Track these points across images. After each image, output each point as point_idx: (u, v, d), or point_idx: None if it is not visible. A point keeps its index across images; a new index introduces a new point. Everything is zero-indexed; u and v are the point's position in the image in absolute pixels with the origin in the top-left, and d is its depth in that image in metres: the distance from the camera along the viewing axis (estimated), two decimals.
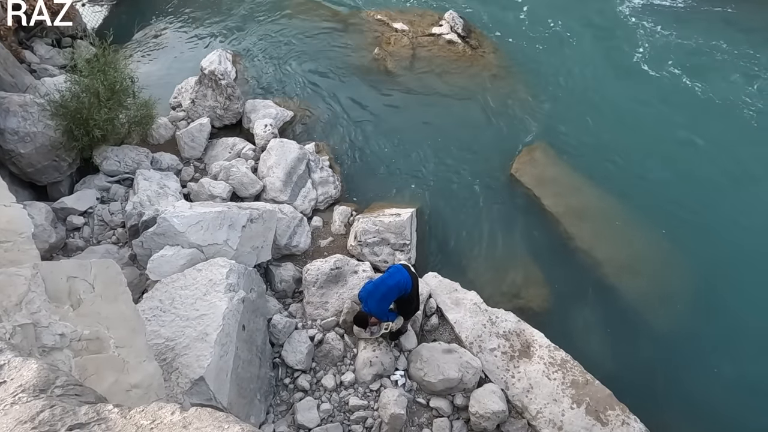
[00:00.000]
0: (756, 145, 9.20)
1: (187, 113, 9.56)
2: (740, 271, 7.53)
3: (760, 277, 7.46)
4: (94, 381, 3.34)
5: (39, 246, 4.77)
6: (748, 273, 7.52)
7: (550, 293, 7.35)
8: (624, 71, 10.86)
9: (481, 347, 6.36)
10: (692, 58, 11.02)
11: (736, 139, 9.32)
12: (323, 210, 8.34)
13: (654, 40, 11.51)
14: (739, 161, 8.96)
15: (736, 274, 7.50)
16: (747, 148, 9.17)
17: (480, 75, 10.81)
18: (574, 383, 6.00)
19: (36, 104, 7.50)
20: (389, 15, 12.41)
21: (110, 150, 7.96)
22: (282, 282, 6.99)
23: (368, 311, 5.83)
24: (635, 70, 10.88)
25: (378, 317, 5.89)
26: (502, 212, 8.33)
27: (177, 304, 5.31)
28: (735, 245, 7.81)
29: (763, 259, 7.62)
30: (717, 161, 8.96)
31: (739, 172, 8.81)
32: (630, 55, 11.21)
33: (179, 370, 4.73)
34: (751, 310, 7.14)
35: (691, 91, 10.29)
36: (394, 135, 9.58)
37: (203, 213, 6.40)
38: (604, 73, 10.86)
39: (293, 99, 10.32)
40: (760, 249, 7.74)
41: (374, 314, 5.84)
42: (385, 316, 5.90)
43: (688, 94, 10.22)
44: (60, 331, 3.38)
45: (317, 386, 6.08)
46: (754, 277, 7.47)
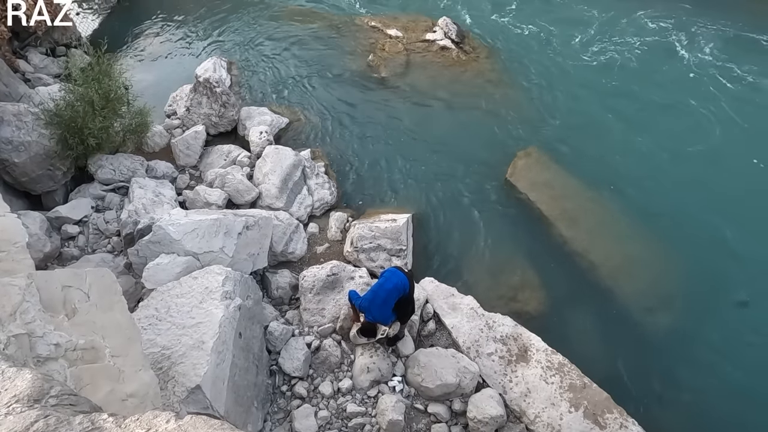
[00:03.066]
0: (752, 146, 9.26)
1: (182, 121, 9.56)
2: (737, 273, 7.55)
3: (757, 278, 7.49)
4: (89, 391, 3.32)
5: (33, 255, 4.75)
6: (744, 274, 7.53)
7: (546, 297, 7.36)
8: (617, 75, 10.93)
9: (479, 352, 6.35)
10: (690, 56, 11.12)
11: (732, 141, 9.38)
12: (319, 216, 8.34)
13: (644, 41, 11.61)
14: (735, 162, 9.01)
15: (732, 276, 7.52)
16: (743, 148, 9.22)
17: (474, 80, 10.87)
18: (572, 387, 6.00)
19: (30, 113, 7.50)
20: (383, 21, 12.49)
21: (105, 158, 7.95)
22: (278, 289, 6.97)
23: (373, 320, 5.81)
24: (628, 73, 10.96)
25: (383, 323, 5.88)
26: (497, 217, 8.36)
27: (173, 313, 5.29)
28: (731, 246, 7.84)
29: (760, 260, 7.66)
30: (712, 162, 9.00)
31: (734, 171, 8.85)
32: (624, 58, 11.30)
33: (175, 379, 4.71)
34: (749, 312, 7.16)
35: (686, 94, 10.36)
36: (389, 141, 9.62)
37: (199, 221, 6.39)
38: (597, 77, 10.93)
39: (288, 106, 10.35)
40: (757, 250, 7.77)
41: (379, 321, 5.82)
42: (390, 319, 5.89)
43: (687, 94, 10.30)
44: (55, 341, 3.36)
45: (315, 393, 6.05)
46: (750, 278, 7.49)
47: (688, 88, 10.47)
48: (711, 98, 10.20)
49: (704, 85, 10.48)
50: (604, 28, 12.15)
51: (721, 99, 10.15)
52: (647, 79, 10.74)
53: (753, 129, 9.54)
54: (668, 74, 10.86)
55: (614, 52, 11.48)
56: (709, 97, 10.22)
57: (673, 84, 10.60)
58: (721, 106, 10.03)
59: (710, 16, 12.10)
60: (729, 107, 9.97)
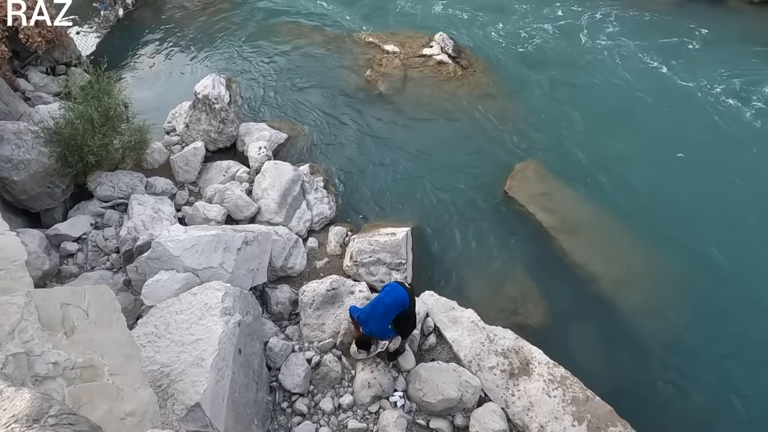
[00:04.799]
0: (751, 154, 9.31)
1: (181, 137, 9.61)
2: (738, 283, 7.54)
3: (759, 287, 7.48)
4: (87, 410, 3.28)
5: (32, 273, 4.73)
6: (746, 284, 7.53)
7: (547, 309, 7.33)
8: (613, 86, 11.03)
9: (480, 365, 6.31)
10: (678, 64, 11.24)
11: (730, 150, 9.44)
12: (318, 231, 8.34)
13: (651, 62, 11.73)
14: (733, 170, 9.05)
15: (734, 286, 7.51)
16: (741, 157, 9.28)
17: (471, 94, 10.96)
18: (575, 400, 5.95)
19: (30, 131, 7.53)
20: (380, 37, 12.63)
21: (104, 175, 7.97)
22: (278, 304, 6.94)
23: (369, 333, 5.77)
24: (624, 84, 11.06)
25: (380, 337, 5.84)
26: (497, 229, 8.36)
27: (172, 329, 5.26)
28: (732, 256, 7.84)
29: (760, 269, 7.65)
30: (711, 170, 9.06)
31: (733, 179, 8.89)
32: (619, 71, 11.41)
33: (175, 397, 4.66)
34: (751, 321, 7.14)
35: (684, 102, 10.44)
36: (388, 155, 9.66)
37: (198, 236, 6.38)
38: (594, 89, 11.03)
39: (287, 121, 10.42)
40: (758, 259, 7.77)
41: (375, 335, 5.78)
42: (387, 334, 5.84)
43: (681, 105, 10.38)
44: (53, 360, 3.33)
45: (315, 410, 5.99)
46: (752, 288, 7.48)
47: (692, 94, 10.56)
48: (714, 104, 10.29)
49: (705, 93, 10.57)
50: (600, 44, 12.28)
51: (723, 105, 10.24)
52: (643, 91, 10.84)
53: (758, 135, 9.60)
54: (674, 91, 10.94)
55: (618, 65, 11.58)
56: (713, 103, 10.31)
57: (668, 95, 10.70)
58: (728, 111, 10.09)
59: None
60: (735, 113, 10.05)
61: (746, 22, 12.60)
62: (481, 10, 13.69)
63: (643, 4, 13.35)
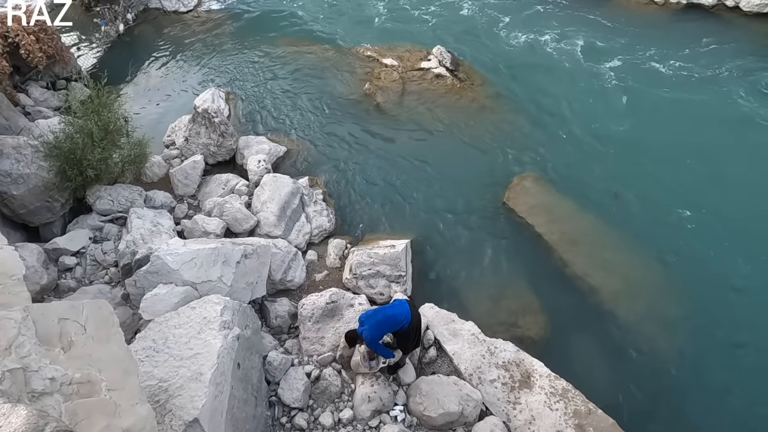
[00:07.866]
0: (750, 163, 9.33)
1: (180, 151, 9.64)
2: (741, 293, 7.51)
3: (760, 298, 7.45)
4: (84, 426, 3.24)
5: (30, 288, 4.71)
6: (748, 295, 7.49)
7: (547, 321, 7.30)
8: (611, 98, 11.09)
9: (481, 378, 6.26)
10: (675, 76, 11.32)
11: (729, 156, 9.45)
12: (318, 243, 8.33)
13: (646, 67, 11.83)
14: (731, 178, 9.05)
15: (736, 297, 7.48)
16: (740, 166, 9.29)
17: (469, 107, 11.03)
18: (577, 413, 5.89)
19: (29, 146, 7.55)
20: (379, 51, 12.74)
21: (103, 189, 7.98)
22: (277, 318, 6.90)
23: (360, 333, 5.66)
24: (622, 96, 11.11)
25: (367, 343, 5.65)
26: (496, 241, 8.35)
27: (170, 344, 5.22)
28: (733, 267, 7.81)
29: (763, 279, 7.63)
30: (709, 180, 9.05)
31: (730, 188, 8.89)
32: (617, 84, 11.48)
33: (173, 412, 4.61)
34: (753, 332, 7.10)
35: (683, 115, 10.49)
36: (387, 168, 9.69)
37: (197, 250, 6.37)
38: (590, 101, 11.09)
39: (286, 134, 10.47)
40: (760, 270, 7.75)
41: (364, 338, 5.60)
42: (374, 345, 5.68)
43: (678, 119, 10.43)
44: (50, 375, 3.30)
45: (315, 424, 5.93)
46: (755, 298, 7.45)
47: (691, 102, 10.63)
48: (713, 110, 10.35)
49: (704, 100, 10.64)
50: (599, 56, 12.39)
51: (721, 110, 10.31)
52: (642, 105, 10.90)
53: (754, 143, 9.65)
54: (672, 102, 11.01)
55: (612, 76, 11.66)
56: (712, 109, 10.37)
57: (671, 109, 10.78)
58: (726, 115, 10.15)
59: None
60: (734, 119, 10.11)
61: (741, 35, 12.71)
62: (478, 23, 13.83)
63: (637, 18, 13.49)
